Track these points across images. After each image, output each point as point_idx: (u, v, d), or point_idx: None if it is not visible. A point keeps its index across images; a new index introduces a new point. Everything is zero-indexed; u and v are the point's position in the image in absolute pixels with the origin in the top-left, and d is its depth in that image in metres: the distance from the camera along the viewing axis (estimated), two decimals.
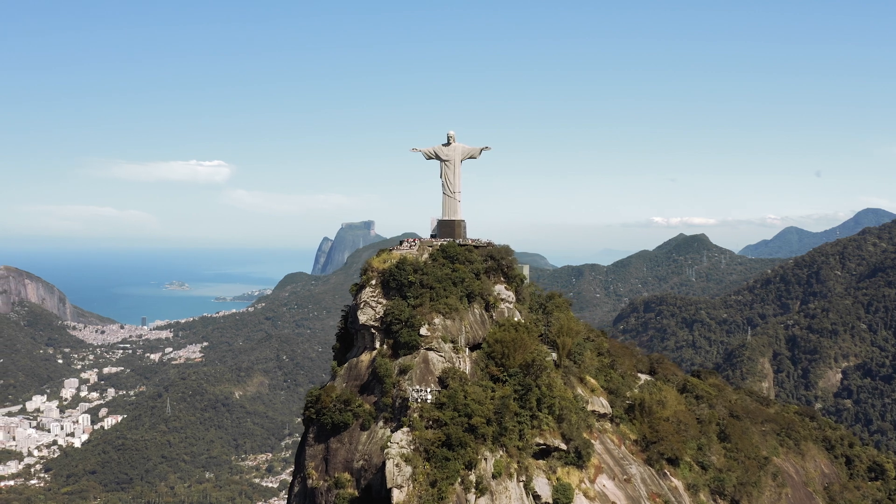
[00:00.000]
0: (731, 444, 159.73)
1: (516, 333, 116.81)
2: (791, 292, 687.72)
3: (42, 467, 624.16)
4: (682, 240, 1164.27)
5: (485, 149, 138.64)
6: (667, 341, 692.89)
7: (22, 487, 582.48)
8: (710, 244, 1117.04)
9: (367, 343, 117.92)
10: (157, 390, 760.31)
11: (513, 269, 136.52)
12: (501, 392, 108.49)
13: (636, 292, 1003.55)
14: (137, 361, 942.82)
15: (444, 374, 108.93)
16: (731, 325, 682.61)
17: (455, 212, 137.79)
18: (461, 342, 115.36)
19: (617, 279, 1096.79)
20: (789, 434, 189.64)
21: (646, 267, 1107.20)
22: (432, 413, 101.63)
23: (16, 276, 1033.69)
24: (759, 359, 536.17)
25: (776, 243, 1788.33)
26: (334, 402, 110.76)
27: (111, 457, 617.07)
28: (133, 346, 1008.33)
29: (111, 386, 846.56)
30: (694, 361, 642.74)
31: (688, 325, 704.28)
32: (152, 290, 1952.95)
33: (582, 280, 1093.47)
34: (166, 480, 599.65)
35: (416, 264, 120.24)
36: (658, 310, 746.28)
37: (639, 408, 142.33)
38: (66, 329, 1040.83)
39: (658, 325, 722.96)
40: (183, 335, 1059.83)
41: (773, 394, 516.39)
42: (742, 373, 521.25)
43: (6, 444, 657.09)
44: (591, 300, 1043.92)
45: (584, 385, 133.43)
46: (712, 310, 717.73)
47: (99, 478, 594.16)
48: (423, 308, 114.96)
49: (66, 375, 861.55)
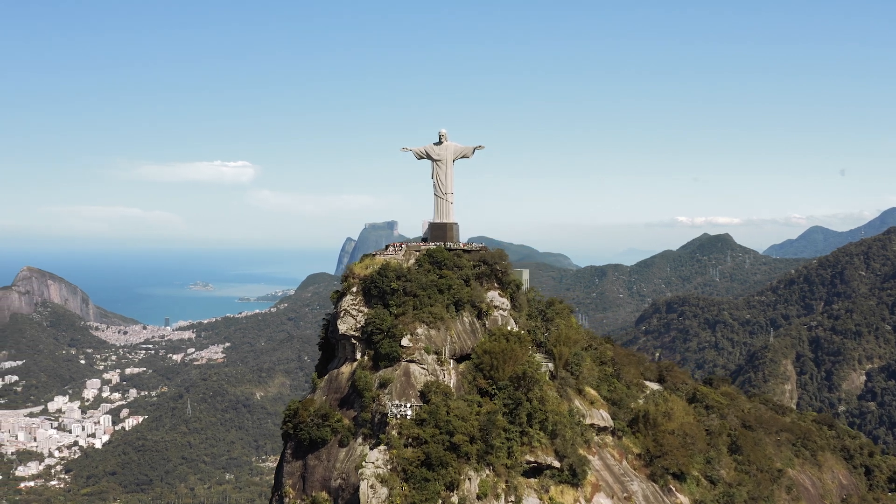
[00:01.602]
0: (742, 457, 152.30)
1: (507, 344, 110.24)
2: (815, 293, 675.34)
3: (62, 468, 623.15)
4: (705, 239, 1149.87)
5: (478, 147, 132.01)
6: (689, 342, 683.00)
7: (42, 488, 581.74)
8: (733, 244, 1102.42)
9: (347, 354, 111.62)
10: (179, 391, 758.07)
11: (507, 275, 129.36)
12: (488, 407, 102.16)
13: (659, 292, 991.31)
14: (159, 362, 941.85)
15: (426, 388, 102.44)
16: (754, 325, 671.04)
17: (447, 214, 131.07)
18: (445, 353, 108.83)
19: (640, 279, 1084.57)
20: (805, 444, 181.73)
21: (669, 267, 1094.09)
22: (412, 430, 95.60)
23: (38, 277, 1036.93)
24: (782, 361, 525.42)
25: (801, 243, 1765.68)
26: (312, 416, 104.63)
27: (131, 458, 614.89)
28: (155, 347, 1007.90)
29: (133, 387, 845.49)
30: (716, 363, 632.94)
31: (710, 326, 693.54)
32: (176, 291, 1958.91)
33: (605, 280, 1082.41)
34: (186, 482, 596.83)
35: (399, 270, 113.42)
36: (680, 310, 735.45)
37: (643, 420, 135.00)
38: (88, 330, 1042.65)
39: (680, 325, 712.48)
40: (205, 336, 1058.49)
41: (795, 396, 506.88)
42: (764, 375, 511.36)
43: (27, 444, 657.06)
44: (615, 300, 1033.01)
45: (583, 397, 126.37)
46: (735, 310, 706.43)
47: (119, 479, 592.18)
48: (405, 317, 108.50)
49: (88, 376, 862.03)
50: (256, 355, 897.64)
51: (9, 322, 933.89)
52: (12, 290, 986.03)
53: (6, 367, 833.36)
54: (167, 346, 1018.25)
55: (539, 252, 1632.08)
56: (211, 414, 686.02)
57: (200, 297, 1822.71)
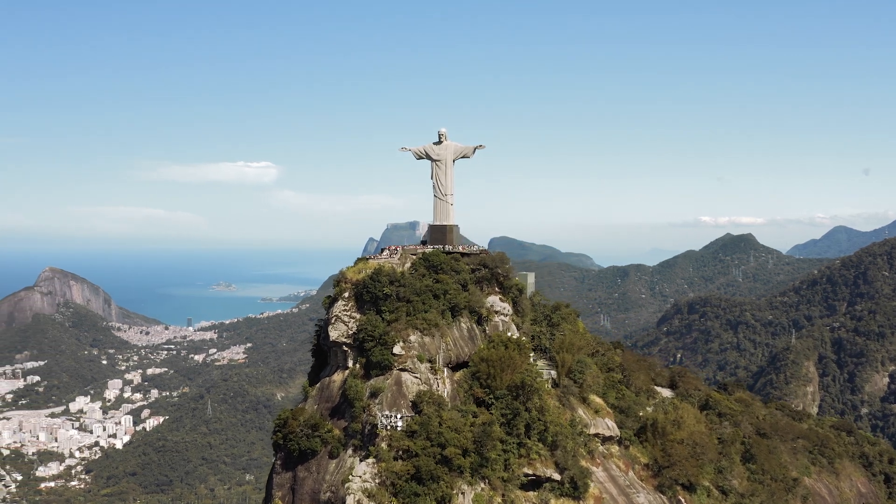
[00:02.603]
0: (756, 466, 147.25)
1: (505, 351, 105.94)
2: (838, 293, 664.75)
3: (83, 468, 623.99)
4: (728, 240, 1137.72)
5: (479, 147, 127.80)
6: (711, 343, 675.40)
7: (62, 489, 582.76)
8: (756, 244, 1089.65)
9: (339, 362, 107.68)
10: (200, 391, 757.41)
11: (509, 279, 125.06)
12: (484, 418, 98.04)
13: (682, 293, 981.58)
14: (181, 362, 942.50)
15: (418, 397, 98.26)
16: (777, 327, 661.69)
17: (447, 216, 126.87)
18: (439, 361, 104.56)
19: (663, 279, 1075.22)
20: (823, 451, 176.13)
21: (692, 267, 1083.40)
22: (402, 442, 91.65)
23: (61, 278, 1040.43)
24: (804, 362, 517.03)
25: (825, 243, 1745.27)
26: (302, 426, 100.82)
27: (151, 458, 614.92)
28: (177, 347, 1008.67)
29: (154, 387, 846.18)
30: (738, 364, 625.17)
31: (732, 326, 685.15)
32: (199, 291, 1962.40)
33: (627, 281, 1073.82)
34: (206, 482, 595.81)
35: (392, 275, 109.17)
36: (702, 311, 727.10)
37: (651, 429, 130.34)
38: (110, 330, 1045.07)
39: (702, 326, 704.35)
40: (227, 336, 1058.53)
41: (818, 398, 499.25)
42: (786, 377, 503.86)
43: (48, 445, 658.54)
44: (637, 301, 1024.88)
45: (587, 405, 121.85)
46: (757, 311, 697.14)
47: (139, 479, 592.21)
48: (398, 324, 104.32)
49: (110, 376, 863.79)
50: (278, 356, 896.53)
51: (31, 322, 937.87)
52: (35, 291, 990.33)
53: (28, 368, 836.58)
54: (189, 346, 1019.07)
55: (561, 252, 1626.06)
56: (231, 415, 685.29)
57: (223, 297, 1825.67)
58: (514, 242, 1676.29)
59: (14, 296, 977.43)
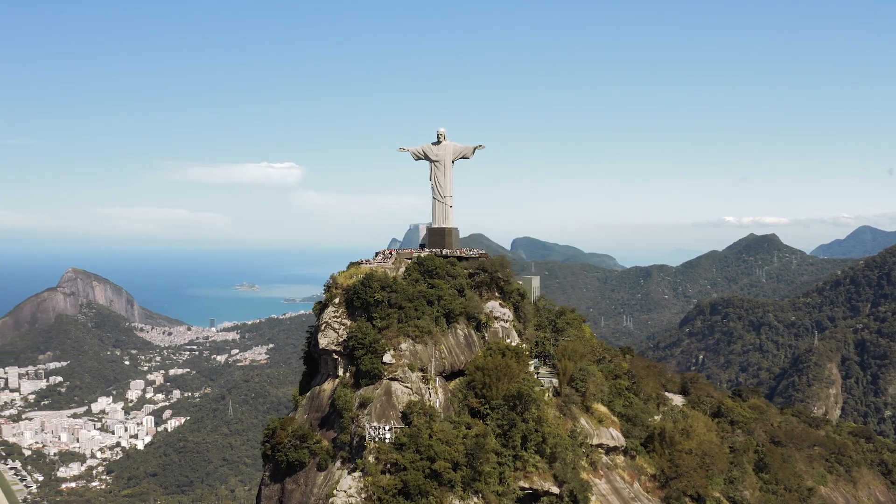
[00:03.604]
0: (769, 475, 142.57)
1: (502, 359, 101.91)
2: (861, 294, 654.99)
3: (104, 469, 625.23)
4: (752, 240, 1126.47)
5: (478, 147, 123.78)
6: (733, 345, 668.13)
7: (83, 489, 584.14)
8: (780, 244, 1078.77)
9: (329, 370, 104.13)
10: (222, 392, 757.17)
11: (510, 283, 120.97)
12: (478, 429, 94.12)
13: (705, 294, 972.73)
14: (203, 363, 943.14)
15: (408, 408, 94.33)
16: (800, 328, 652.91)
17: (446, 218, 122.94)
18: (431, 370, 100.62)
19: (686, 280, 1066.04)
20: (840, 459, 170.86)
21: (715, 268, 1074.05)
22: (390, 455, 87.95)
23: (83, 278, 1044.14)
24: (827, 364, 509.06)
25: (849, 243, 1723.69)
26: (290, 437, 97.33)
27: (172, 459, 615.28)
28: (199, 348, 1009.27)
29: (176, 388, 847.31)
30: (761, 366, 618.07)
31: (755, 328, 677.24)
32: (222, 292, 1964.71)
33: (650, 281, 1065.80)
34: (227, 483, 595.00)
35: (384, 280, 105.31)
36: (725, 312, 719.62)
37: (659, 438, 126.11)
38: (133, 331, 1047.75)
39: (724, 327, 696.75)
40: (249, 337, 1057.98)
41: (840, 401, 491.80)
42: (808, 379, 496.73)
43: (70, 445, 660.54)
44: (659, 302, 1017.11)
45: (591, 415, 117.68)
46: (780, 312, 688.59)
47: (159, 480, 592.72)
48: (389, 331, 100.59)
49: (132, 377, 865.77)
50: (300, 356, 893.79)
51: (54, 323, 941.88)
52: (57, 292, 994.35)
53: (51, 368, 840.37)
54: (211, 346, 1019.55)
55: (584, 253, 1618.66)
56: (253, 415, 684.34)
57: (246, 297, 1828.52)
58: (538, 243, 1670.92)
59: (37, 296, 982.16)
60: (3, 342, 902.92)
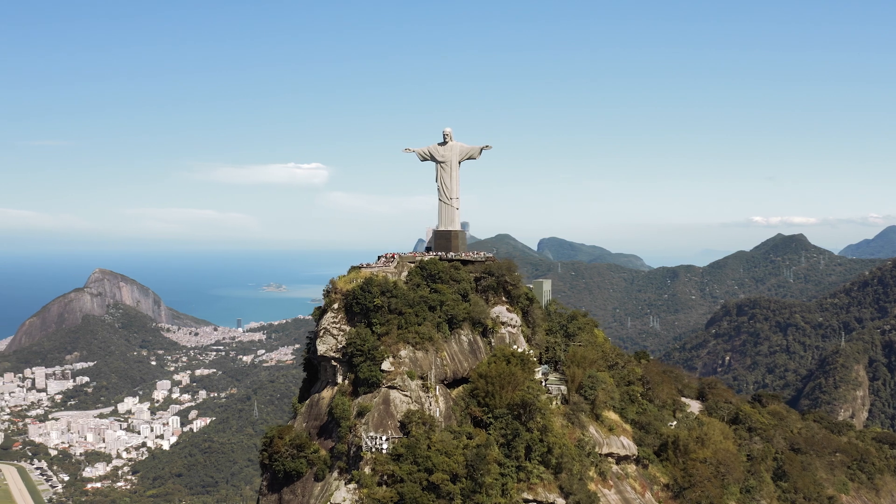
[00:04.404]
0: (788, 484, 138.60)
1: (507, 366, 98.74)
2: (889, 295, 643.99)
3: (129, 469, 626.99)
4: (779, 240, 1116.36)
5: (485, 147, 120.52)
6: (760, 346, 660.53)
7: (108, 490, 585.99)
8: (808, 244, 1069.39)
9: (329, 377, 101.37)
10: (247, 392, 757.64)
11: (517, 288, 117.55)
12: (479, 439, 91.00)
13: (732, 294, 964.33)
14: (230, 363, 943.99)
15: (406, 417, 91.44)
16: (827, 329, 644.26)
17: (452, 221, 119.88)
18: (432, 378, 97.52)
19: (713, 280, 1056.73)
20: (862, 466, 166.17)
21: (742, 268, 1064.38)
22: (387, 466, 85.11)
23: (111, 279, 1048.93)
24: (854, 366, 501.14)
25: (878, 243, 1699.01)
26: (287, 446, 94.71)
27: (197, 459, 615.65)
28: (226, 349, 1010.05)
29: (202, 388, 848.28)
30: (787, 367, 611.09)
31: (782, 329, 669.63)
32: (250, 292, 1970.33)
33: (677, 282, 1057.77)
34: (251, 484, 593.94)
35: (384, 285, 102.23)
36: (751, 313, 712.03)
37: (672, 446, 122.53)
38: (160, 331, 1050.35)
39: (751, 329, 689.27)
40: (276, 337, 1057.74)
41: (867, 403, 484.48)
42: (835, 381, 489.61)
43: (96, 445, 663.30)
44: (686, 302, 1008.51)
45: (601, 423, 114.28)
46: (807, 313, 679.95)
47: (184, 480, 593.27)
48: (389, 337, 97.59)
49: (158, 377, 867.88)
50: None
51: (81, 324, 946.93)
52: (84, 292, 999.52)
53: (77, 368, 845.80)
54: (237, 347, 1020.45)
55: (611, 253, 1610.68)
56: (278, 416, 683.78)
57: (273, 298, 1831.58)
58: (564, 243, 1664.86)
59: (64, 297, 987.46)
60: (31, 342, 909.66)
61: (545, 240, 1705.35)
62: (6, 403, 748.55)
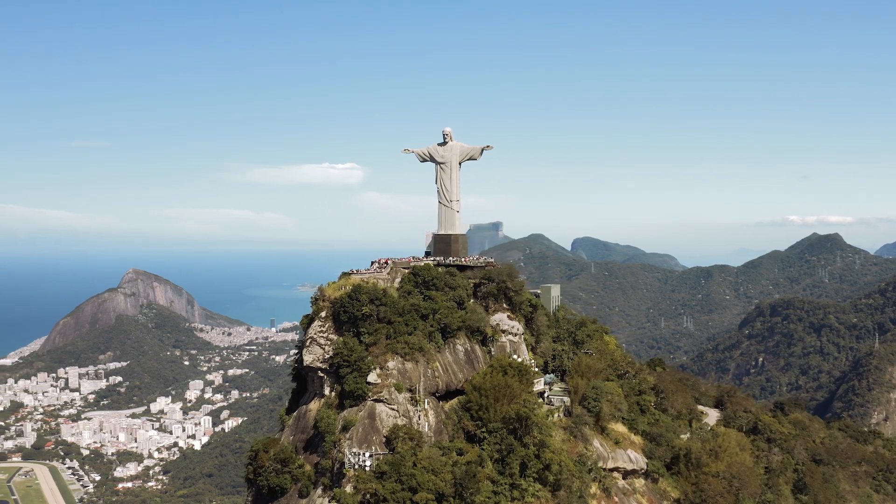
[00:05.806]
0: (808, 497, 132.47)
1: (503, 378, 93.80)
2: None
3: (161, 469, 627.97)
4: (815, 239, 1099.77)
5: (486, 148, 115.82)
6: (793, 347, 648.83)
7: (139, 489, 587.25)
8: (843, 244, 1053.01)
9: (316, 388, 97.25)
10: (279, 393, 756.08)
11: (520, 294, 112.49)
12: (470, 455, 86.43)
13: (766, 294, 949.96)
14: (262, 363, 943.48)
15: (392, 432, 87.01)
16: (861, 330, 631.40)
17: (452, 224, 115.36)
18: (420, 390, 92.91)
19: (747, 280, 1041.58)
20: (888, 477, 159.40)
21: (777, 268, 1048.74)
22: (369, 484, 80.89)
23: (144, 279, 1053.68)
24: (888, 368, 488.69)
25: None
26: (271, 461, 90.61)
27: (228, 460, 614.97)
28: (259, 349, 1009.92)
29: (235, 388, 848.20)
30: (821, 369, 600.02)
31: (815, 330, 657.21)
32: (284, 292, 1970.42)
33: (711, 282, 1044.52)
34: None
35: (373, 293, 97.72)
36: (785, 314, 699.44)
37: (684, 459, 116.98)
38: (193, 331, 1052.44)
39: (784, 329, 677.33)
40: None
41: None
42: (868, 383, 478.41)
43: (127, 445, 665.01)
44: (720, 303, 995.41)
45: (606, 436, 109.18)
46: (841, 314, 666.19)
47: (215, 481, 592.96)
48: (376, 348, 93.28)
49: (191, 377, 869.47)
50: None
51: (114, 324, 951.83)
52: (118, 292, 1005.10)
53: (111, 368, 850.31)
54: (270, 347, 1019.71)
55: (646, 253, 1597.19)
56: None
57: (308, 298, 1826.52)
58: (598, 243, 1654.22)
59: (98, 297, 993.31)
60: (65, 342, 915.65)
61: (579, 239, 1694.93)
62: (39, 403, 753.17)
